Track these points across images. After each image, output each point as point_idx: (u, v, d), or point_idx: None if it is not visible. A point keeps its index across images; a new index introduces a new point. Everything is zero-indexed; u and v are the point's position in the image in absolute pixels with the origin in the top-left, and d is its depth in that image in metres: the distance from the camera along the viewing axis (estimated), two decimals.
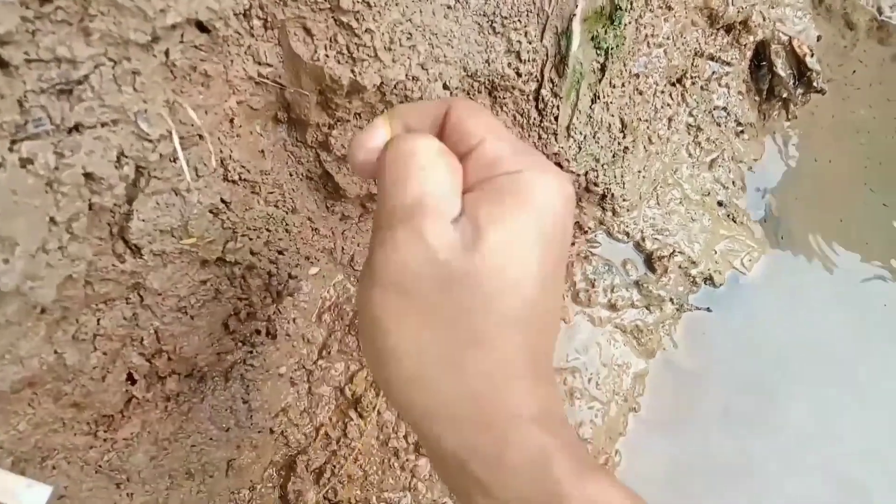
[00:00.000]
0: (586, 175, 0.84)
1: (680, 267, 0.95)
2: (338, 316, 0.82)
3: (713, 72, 1.05)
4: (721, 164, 1.04)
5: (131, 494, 0.59)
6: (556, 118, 0.75)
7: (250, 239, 0.60)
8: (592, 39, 0.75)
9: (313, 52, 0.58)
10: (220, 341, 0.61)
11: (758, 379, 0.94)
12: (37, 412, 0.49)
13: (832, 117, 1.14)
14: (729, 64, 1.06)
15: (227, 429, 0.65)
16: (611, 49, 0.77)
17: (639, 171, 0.91)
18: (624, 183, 0.88)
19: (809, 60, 1.06)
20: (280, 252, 0.63)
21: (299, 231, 0.67)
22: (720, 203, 1.03)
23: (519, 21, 0.68)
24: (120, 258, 0.49)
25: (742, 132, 1.08)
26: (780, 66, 1.07)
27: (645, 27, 0.89)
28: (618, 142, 0.86)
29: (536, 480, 0.30)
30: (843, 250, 1.04)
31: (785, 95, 1.08)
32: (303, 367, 0.76)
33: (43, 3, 0.39)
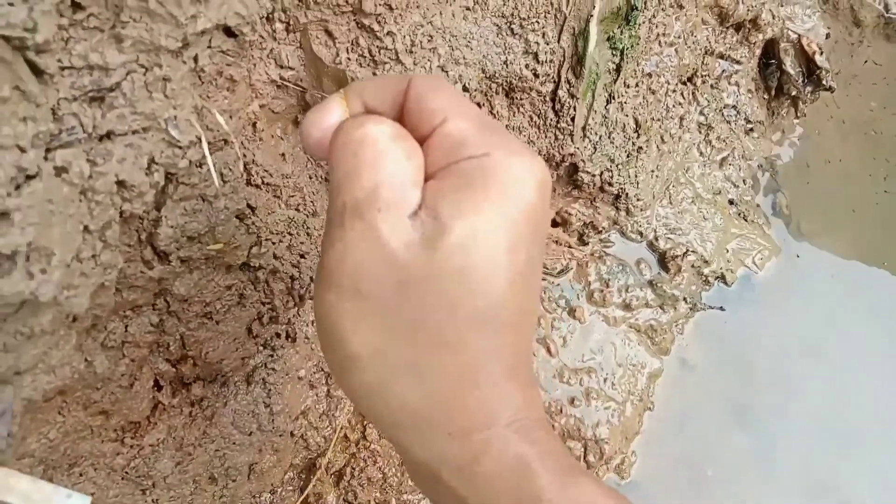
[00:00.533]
0: (601, 175, 0.84)
1: (693, 266, 0.95)
2: None
3: (723, 70, 1.05)
4: (731, 163, 1.04)
5: (156, 500, 0.59)
6: (573, 119, 0.75)
7: (273, 243, 0.60)
8: (608, 40, 0.75)
9: (335, 55, 0.58)
10: (244, 346, 0.61)
11: (771, 376, 0.94)
12: (67, 420, 0.49)
13: (840, 114, 1.15)
14: (738, 62, 1.06)
15: (250, 433, 0.65)
16: (626, 49, 0.77)
17: (652, 171, 0.91)
18: (638, 182, 0.88)
19: (819, 58, 1.06)
20: (302, 256, 0.63)
21: (320, 234, 0.66)
22: (731, 201, 1.03)
23: (537, 22, 0.68)
24: (148, 265, 0.49)
25: (752, 130, 1.08)
26: (790, 64, 1.07)
27: (657, 26, 0.89)
28: (632, 142, 0.86)
29: (516, 490, 0.28)
30: (854, 248, 1.05)
31: (794, 93, 1.08)
32: (321, 370, 0.76)
33: (76, 10, 0.39)
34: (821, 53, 1.06)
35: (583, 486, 0.29)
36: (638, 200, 0.89)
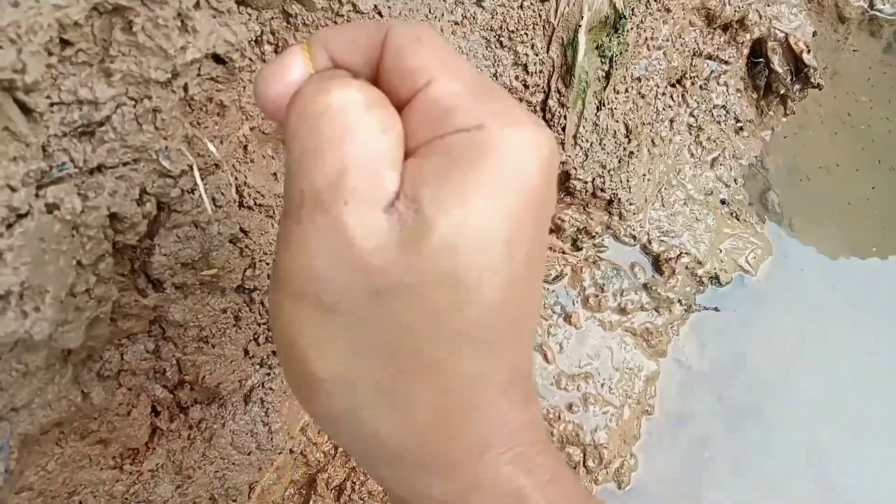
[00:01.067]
0: (593, 181, 0.84)
1: (686, 268, 0.96)
2: None
3: (711, 71, 1.05)
4: (722, 163, 1.04)
5: None
6: (564, 128, 0.75)
7: (267, 264, 0.60)
8: (597, 48, 0.75)
9: None
10: (241, 367, 0.61)
11: (768, 375, 0.95)
12: (64, 451, 0.49)
13: (829, 111, 1.15)
14: (727, 62, 1.06)
15: (249, 452, 0.65)
16: (615, 56, 0.77)
17: (644, 175, 0.92)
18: (630, 187, 0.88)
19: (806, 57, 1.06)
20: None
21: None
22: (723, 201, 1.03)
23: (526, 34, 0.68)
24: (142, 293, 0.49)
25: (741, 129, 1.08)
26: (777, 63, 1.08)
27: (645, 30, 0.89)
28: (623, 147, 0.86)
29: None
30: (847, 244, 1.05)
31: (782, 92, 1.08)
32: None
33: (64, 47, 0.38)
34: (808, 52, 1.07)
35: None
36: (630, 205, 0.90)
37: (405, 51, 0.24)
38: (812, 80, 1.07)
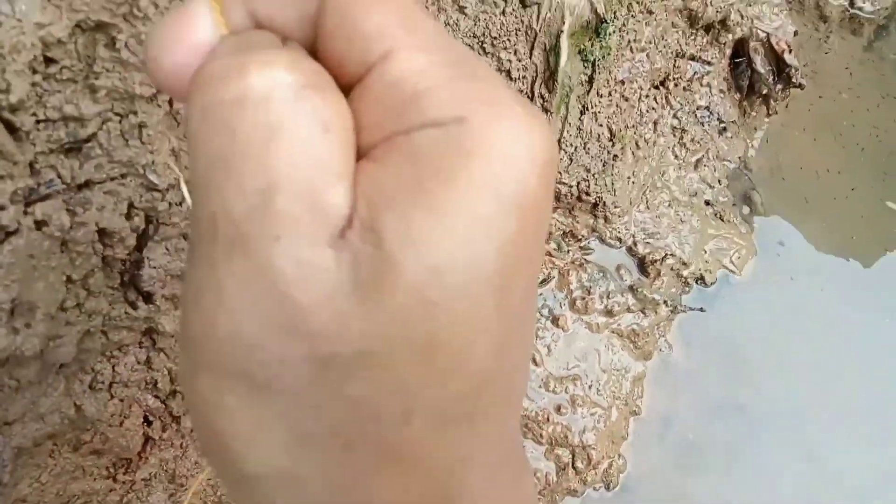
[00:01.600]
0: (578, 185, 0.85)
1: (672, 269, 0.97)
2: None
3: (695, 72, 1.06)
4: (706, 164, 1.06)
5: None
6: None
7: None
8: (580, 53, 0.76)
9: None
10: None
11: (756, 373, 0.96)
12: (58, 462, 0.49)
13: (811, 109, 1.17)
14: (709, 63, 1.07)
15: None
16: (597, 61, 0.78)
17: (628, 178, 0.93)
18: (615, 190, 0.90)
19: (788, 57, 1.08)
20: None
21: None
22: (707, 202, 1.05)
23: (508, 40, 0.68)
24: (133, 305, 0.50)
25: (724, 129, 1.10)
26: (759, 63, 1.09)
27: (628, 33, 0.90)
28: (607, 150, 0.87)
29: None
30: (830, 241, 1.07)
31: (765, 92, 1.10)
32: None
33: (49, 64, 0.39)
34: (790, 51, 1.08)
35: None
36: (615, 207, 0.91)
37: (354, 6, 0.17)
38: (794, 80, 1.09)
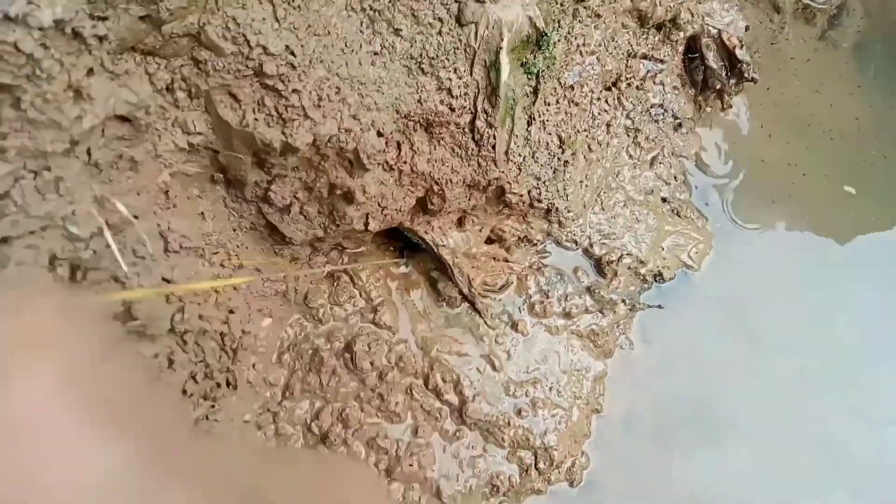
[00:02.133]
0: (529, 193, 0.85)
1: (629, 268, 0.98)
2: (297, 355, 0.83)
3: (647, 70, 1.07)
4: (662, 161, 1.06)
5: None
6: (494, 146, 0.77)
7: (199, 304, 0.61)
8: (522, 66, 0.76)
9: (242, 118, 0.58)
10: (178, 407, 0.62)
11: (715, 366, 0.97)
12: None
13: (766, 100, 1.17)
14: (662, 61, 1.08)
15: None
16: (541, 72, 0.78)
17: (581, 181, 0.93)
18: (567, 195, 0.90)
19: (739, 52, 1.08)
20: (231, 311, 0.64)
21: (248, 287, 0.67)
22: (664, 199, 1.05)
23: (447, 59, 0.68)
24: None
25: (680, 125, 1.10)
26: (712, 59, 1.09)
27: (576, 38, 0.90)
28: (557, 157, 0.87)
29: None
30: (790, 232, 1.08)
31: (718, 87, 1.10)
32: (267, 410, 0.77)
33: None
34: (741, 47, 1.08)
35: None
36: (569, 212, 0.91)
37: None
38: (746, 75, 1.09)
